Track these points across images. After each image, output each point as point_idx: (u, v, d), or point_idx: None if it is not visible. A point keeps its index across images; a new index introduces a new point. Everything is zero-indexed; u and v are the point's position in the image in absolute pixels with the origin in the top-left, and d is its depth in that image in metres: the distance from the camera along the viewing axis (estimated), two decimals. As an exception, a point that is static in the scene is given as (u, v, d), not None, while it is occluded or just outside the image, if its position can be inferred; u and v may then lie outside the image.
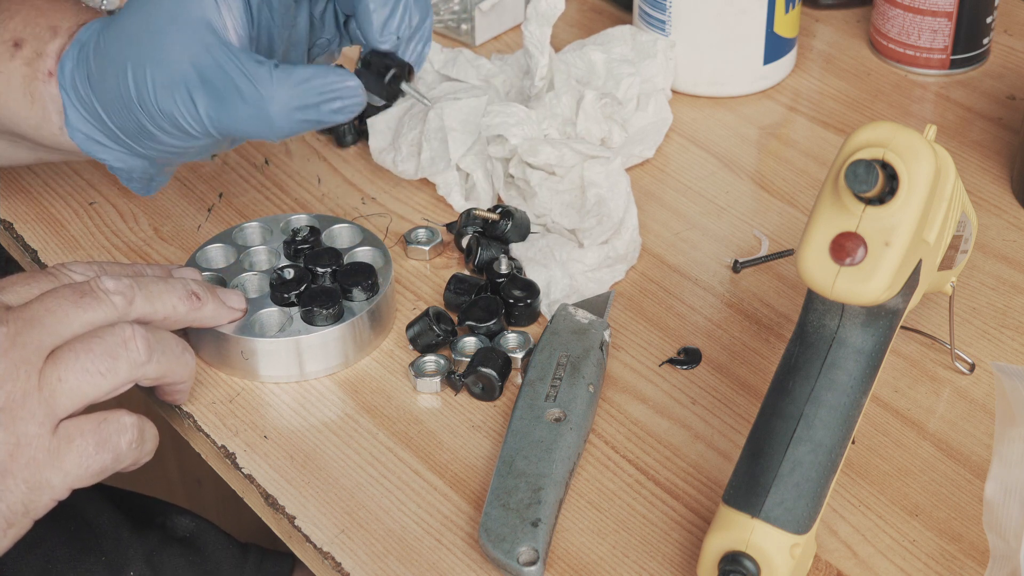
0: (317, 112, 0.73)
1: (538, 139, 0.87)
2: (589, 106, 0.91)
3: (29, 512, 0.65)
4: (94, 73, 0.76)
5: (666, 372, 0.80)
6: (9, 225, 0.90)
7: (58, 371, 0.65)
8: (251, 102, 0.72)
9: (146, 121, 0.75)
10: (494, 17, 1.07)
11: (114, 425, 0.67)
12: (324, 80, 0.73)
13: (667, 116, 0.97)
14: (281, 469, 0.74)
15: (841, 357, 0.64)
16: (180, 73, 0.73)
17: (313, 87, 0.73)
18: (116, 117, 0.76)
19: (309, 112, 0.73)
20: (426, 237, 0.87)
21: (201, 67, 0.72)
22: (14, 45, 0.78)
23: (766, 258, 0.87)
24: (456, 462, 0.74)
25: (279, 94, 0.72)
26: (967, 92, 1.02)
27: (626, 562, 0.69)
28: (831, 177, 0.61)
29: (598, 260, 0.84)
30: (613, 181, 0.85)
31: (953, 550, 0.69)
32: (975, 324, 0.82)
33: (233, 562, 0.94)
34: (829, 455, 0.63)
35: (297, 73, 0.72)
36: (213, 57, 0.72)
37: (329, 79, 0.73)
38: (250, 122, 0.73)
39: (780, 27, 0.99)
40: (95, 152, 0.78)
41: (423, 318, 0.80)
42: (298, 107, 0.73)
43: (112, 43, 0.75)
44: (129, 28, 0.75)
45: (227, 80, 0.72)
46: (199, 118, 0.73)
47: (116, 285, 0.70)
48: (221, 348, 0.78)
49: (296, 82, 0.72)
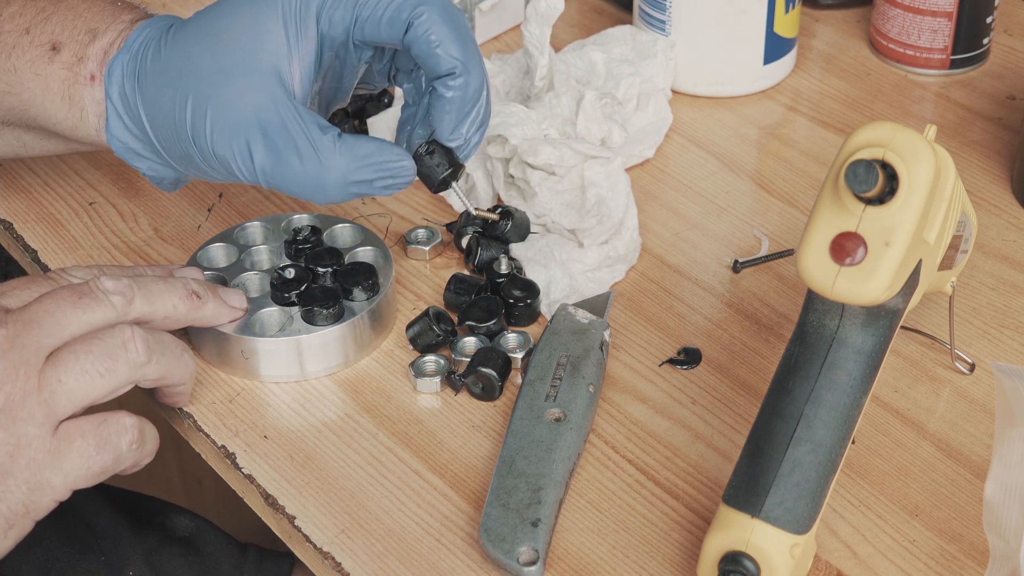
0: (370, 187, 0.75)
1: (538, 139, 0.87)
2: (589, 106, 0.91)
3: (30, 513, 0.65)
4: (147, 89, 0.75)
5: (666, 372, 0.80)
6: (9, 225, 0.90)
7: (57, 372, 0.65)
8: (309, 167, 0.73)
9: (195, 156, 0.75)
10: (494, 17, 1.07)
11: (114, 426, 0.67)
12: (382, 158, 0.74)
13: (667, 116, 0.97)
14: (281, 469, 0.74)
15: (841, 357, 0.64)
16: (243, 122, 0.73)
17: (371, 164, 0.74)
18: (164, 141, 0.76)
19: (362, 187, 0.74)
20: (426, 237, 0.87)
21: (265, 121, 0.73)
22: (52, 48, 0.78)
23: (766, 258, 0.87)
24: (456, 462, 0.74)
25: (339, 165, 0.73)
26: (967, 92, 1.02)
27: (626, 562, 0.69)
28: (831, 177, 0.61)
29: (598, 260, 0.84)
30: (613, 181, 0.85)
31: (953, 550, 0.69)
32: (975, 324, 0.82)
33: (232, 562, 0.94)
34: (829, 455, 0.63)
35: (359, 148, 0.74)
36: (280, 114, 0.73)
37: (387, 157, 0.74)
38: (302, 185, 0.74)
39: (780, 27, 0.99)
40: (130, 160, 0.78)
41: (423, 318, 0.80)
42: (353, 181, 0.74)
43: (173, 66, 0.75)
44: (195, 57, 0.74)
45: (289, 141, 0.73)
46: (252, 169, 0.74)
47: (115, 285, 0.70)
48: (221, 347, 0.78)
49: (356, 156, 0.74)
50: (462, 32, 0.75)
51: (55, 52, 0.77)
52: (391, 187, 0.75)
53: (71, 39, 0.78)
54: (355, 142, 0.74)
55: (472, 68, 0.75)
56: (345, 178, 0.74)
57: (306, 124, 0.73)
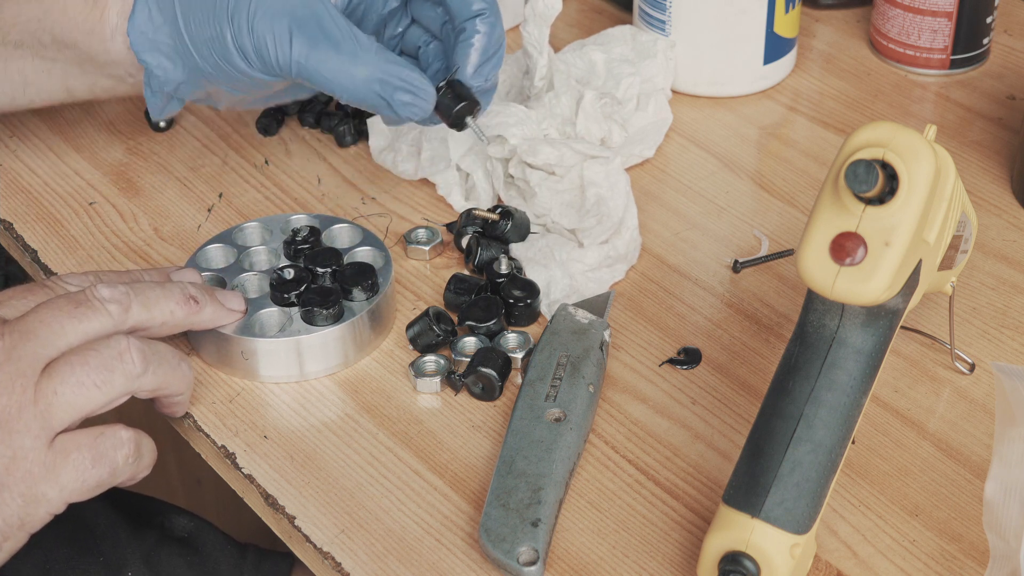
0: (392, 94, 0.78)
1: (538, 139, 0.87)
2: (589, 106, 0.91)
3: (25, 525, 0.65)
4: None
5: (666, 372, 0.80)
6: (9, 225, 0.90)
7: (53, 384, 0.65)
8: (345, 55, 0.76)
9: (229, 37, 0.77)
10: (494, 17, 1.07)
11: (111, 440, 0.67)
12: (410, 73, 0.78)
13: (667, 116, 0.97)
14: (281, 469, 0.74)
15: (841, 357, 0.64)
16: (287, 8, 0.76)
17: (399, 72, 0.77)
18: (196, 23, 0.78)
19: (386, 89, 0.77)
20: (426, 237, 0.87)
21: (308, 12, 0.76)
22: None
23: (766, 258, 0.87)
24: (456, 462, 0.74)
25: (370, 60, 0.77)
26: (967, 92, 1.02)
27: (626, 562, 0.69)
28: (831, 177, 0.61)
29: (598, 260, 0.84)
30: (613, 181, 0.85)
31: (953, 550, 0.69)
32: (975, 324, 0.82)
33: (231, 562, 0.94)
34: (829, 455, 0.63)
35: (390, 54, 0.78)
36: (320, 9, 0.77)
37: (414, 75, 0.78)
38: (334, 73, 0.77)
39: (780, 27, 0.99)
40: (145, 53, 0.80)
41: (423, 318, 0.80)
42: (379, 79, 0.77)
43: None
44: None
45: (329, 32, 0.76)
46: (288, 54, 0.77)
47: (111, 293, 0.69)
48: (221, 348, 0.78)
49: (388, 59, 0.77)
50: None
51: None
52: (408, 106, 0.78)
53: None
54: (385, 49, 0.78)
55: (498, 13, 0.81)
56: (373, 73, 0.77)
57: (341, 20, 0.77)
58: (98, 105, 1.00)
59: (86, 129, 0.99)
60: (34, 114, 0.99)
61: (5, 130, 0.98)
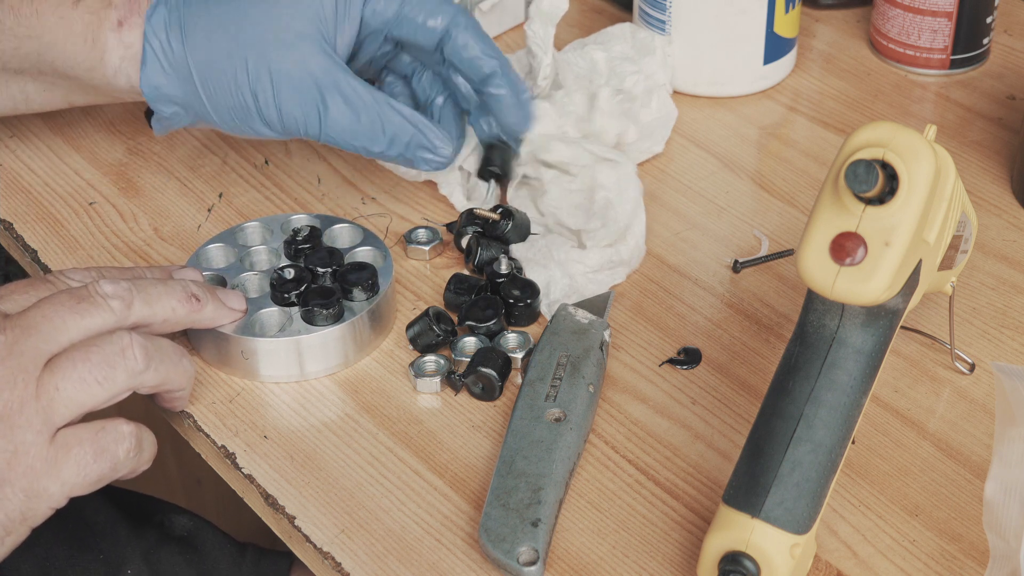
0: (415, 152, 0.83)
1: (554, 136, 0.87)
2: (605, 103, 0.91)
3: (27, 520, 0.65)
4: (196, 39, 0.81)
5: (666, 372, 0.80)
6: (9, 225, 0.90)
7: (55, 380, 0.65)
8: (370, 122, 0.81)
9: (254, 108, 0.81)
10: (494, 17, 1.07)
11: (112, 434, 0.67)
12: (432, 132, 0.83)
13: (672, 111, 0.97)
14: (281, 469, 0.74)
15: (841, 357, 0.64)
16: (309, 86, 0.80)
17: (422, 133, 0.82)
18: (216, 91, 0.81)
19: (410, 149, 0.82)
20: (426, 237, 0.87)
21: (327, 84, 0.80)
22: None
23: (766, 258, 0.87)
24: (456, 462, 0.74)
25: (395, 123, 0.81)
26: (967, 92, 1.02)
27: (626, 562, 0.69)
28: (831, 177, 0.61)
29: (600, 262, 0.84)
30: (623, 186, 0.85)
31: (953, 550, 0.69)
32: (975, 324, 0.82)
33: (230, 561, 0.94)
34: (829, 455, 0.63)
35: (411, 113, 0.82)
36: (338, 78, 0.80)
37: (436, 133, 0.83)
38: (360, 139, 0.81)
39: (780, 27, 0.99)
40: (157, 103, 0.83)
41: (423, 318, 0.80)
42: (405, 142, 0.82)
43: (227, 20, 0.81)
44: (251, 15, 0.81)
45: (353, 97, 0.80)
46: (317, 125, 0.81)
47: (114, 289, 0.69)
48: (221, 348, 0.78)
49: (410, 120, 0.82)
50: (491, 42, 0.84)
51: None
52: (431, 162, 0.83)
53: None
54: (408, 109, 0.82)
55: (509, 66, 0.85)
56: (399, 137, 0.81)
57: (360, 87, 0.81)
58: (98, 105, 1.00)
59: (86, 129, 0.99)
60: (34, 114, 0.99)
61: (5, 130, 0.98)
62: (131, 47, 0.82)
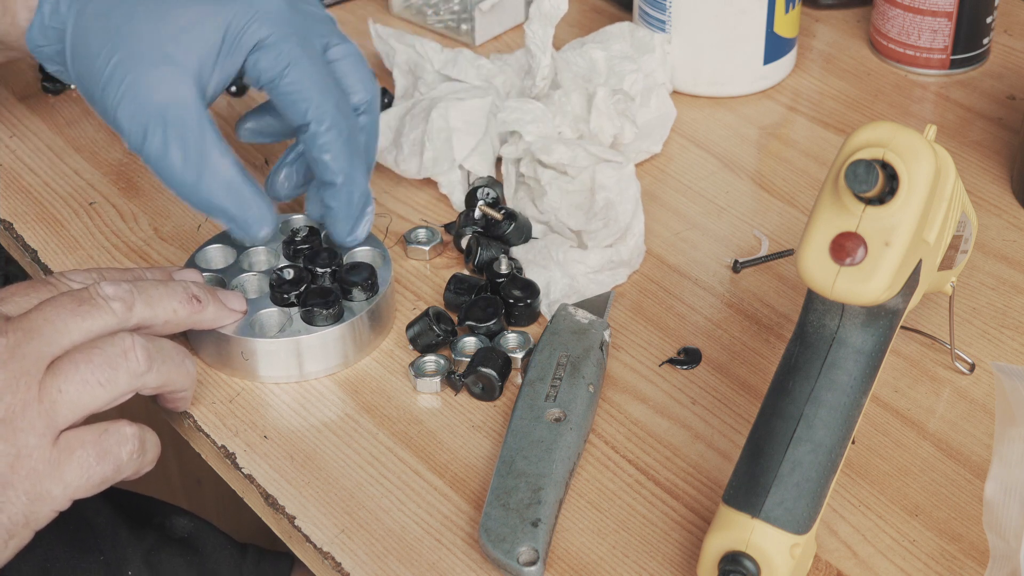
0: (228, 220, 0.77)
1: (552, 137, 0.87)
2: (602, 103, 0.91)
3: (30, 523, 0.65)
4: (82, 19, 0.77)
5: (666, 372, 0.80)
6: (9, 225, 0.90)
7: (58, 382, 0.65)
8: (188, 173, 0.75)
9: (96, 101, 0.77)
10: (494, 17, 1.07)
11: (115, 436, 0.67)
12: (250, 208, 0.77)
13: (671, 110, 0.97)
14: (281, 469, 0.74)
15: (841, 357, 0.64)
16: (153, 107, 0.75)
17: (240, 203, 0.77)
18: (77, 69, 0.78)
19: (221, 216, 0.77)
20: (426, 237, 0.87)
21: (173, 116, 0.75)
22: None
23: (766, 258, 0.87)
24: (456, 462, 0.74)
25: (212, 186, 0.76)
26: (967, 92, 1.02)
27: (626, 562, 0.69)
28: (831, 177, 0.61)
29: (600, 263, 0.84)
30: (623, 187, 0.85)
31: (953, 550, 0.69)
32: (975, 324, 0.82)
33: (231, 562, 0.94)
34: (829, 455, 0.63)
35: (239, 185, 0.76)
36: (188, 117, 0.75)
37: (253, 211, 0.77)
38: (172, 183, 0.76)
39: (780, 27, 0.99)
40: (44, 61, 0.80)
41: (423, 318, 0.80)
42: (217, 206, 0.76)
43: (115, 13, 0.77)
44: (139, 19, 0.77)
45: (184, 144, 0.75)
46: (140, 147, 0.76)
47: (115, 291, 0.69)
48: (221, 349, 0.78)
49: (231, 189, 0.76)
50: (352, 147, 0.79)
51: None
52: (243, 236, 0.78)
53: None
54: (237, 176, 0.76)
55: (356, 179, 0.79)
56: (211, 200, 0.76)
57: (206, 137, 0.75)
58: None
59: (86, 129, 0.99)
60: (34, 114, 0.99)
61: (5, 130, 0.98)
62: (34, 8, 0.79)
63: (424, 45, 0.97)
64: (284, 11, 0.78)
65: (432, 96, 0.93)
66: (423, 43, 0.97)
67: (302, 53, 0.77)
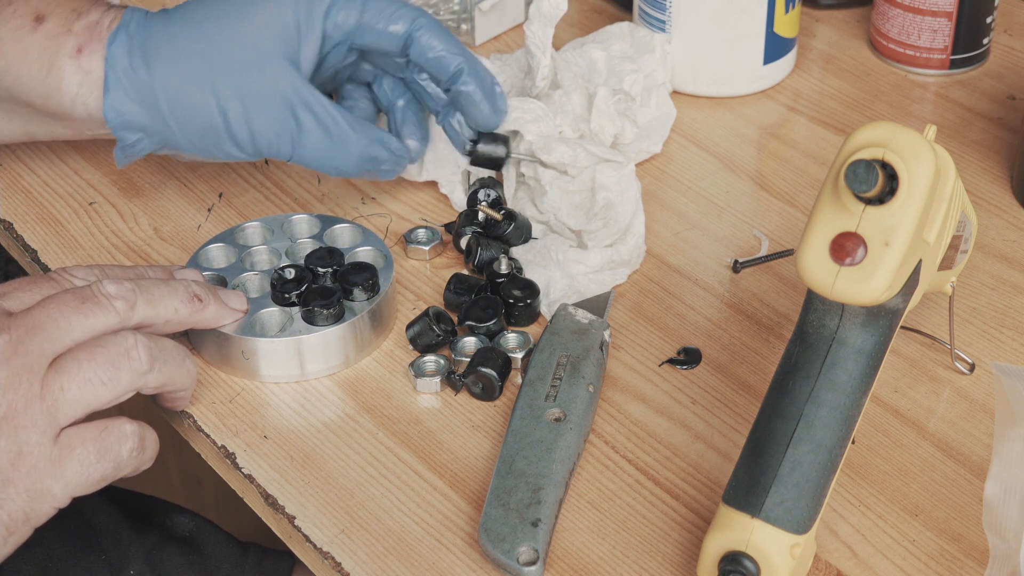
0: (377, 166, 0.84)
1: (553, 137, 0.87)
2: (602, 103, 0.91)
3: (29, 520, 0.65)
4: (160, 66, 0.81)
5: (666, 372, 0.80)
6: (9, 225, 0.90)
7: (60, 380, 0.65)
8: (336, 143, 0.82)
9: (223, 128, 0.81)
10: (494, 17, 1.07)
11: (115, 433, 0.67)
12: (390, 145, 0.84)
13: (670, 110, 0.97)
14: (281, 469, 0.74)
15: (841, 357, 0.64)
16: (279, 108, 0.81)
17: (382, 148, 0.84)
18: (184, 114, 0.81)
19: (372, 163, 0.84)
20: (426, 237, 0.87)
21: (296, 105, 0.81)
22: (35, 19, 0.81)
23: (766, 258, 0.87)
24: (456, 462, 0.74)
25: (359, 142, 0.83)
26: (967, 92, 1.02)
27: (626, 562, 0.69)
28: (831, 177, 0.61)
29: (601, 263, 0.84)
30: (624, 186, 0.85)
31: (953, 550, 0.69)
32: (975, 324, 0.82)
33: (233, 561, 0.94)
34: (829, 455, 0.63)
35: (373, 129, 0.84)
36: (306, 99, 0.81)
37: (395, 145, 0.85)
38: (327, 158, 0.82)
39: (780, 27, 0.99)
40: (120, 130, 0.82)
41: (423, 318, 0.80)
42: (369, 157, 0.83)
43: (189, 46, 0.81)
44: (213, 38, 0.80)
45: (323, 117, 0.81)
46: (288, 145, 0.81)
47: (118, 289, 0.69)
48: (222, 348, 0.78)
49: (372, 137, 0.83)
50: (455, 40, 0.85)
51: (38, 23, 0.81)
52: (390, 172, 0.85)
53: (56, 13, 0.82)
54: (369, 125, 0.84)
55: (476, 62, 0.85)
56: (364, 154, 0.83)
57: (329, 106, 0.82)
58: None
59: (86, 129, 0.99)
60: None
61: (5, 130, 0.98)
62: (90, 73, 0.81)
63: (424, 45, 0.97)
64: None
65: None
66: (423, 43, 0.97)
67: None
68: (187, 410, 0.77)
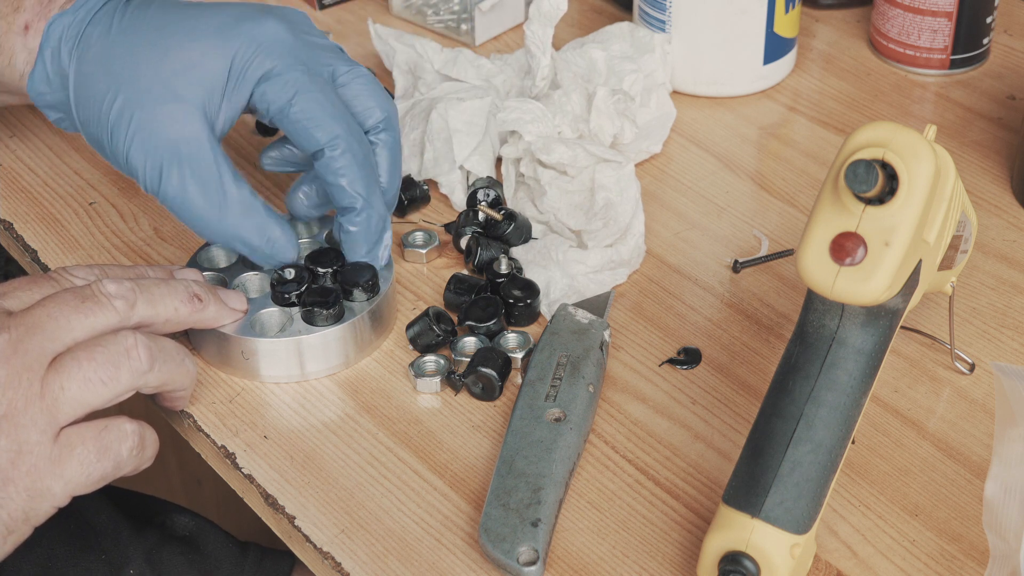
0: (250, 251, 0.79)
1: (552, 137, 0.87)
2: (601, 103, 0.91)
3: (29, 519, 0.65)
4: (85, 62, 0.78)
5: (666, 372, 0.80)
6: (9, 225, 0.90)
7: (60, 379, 0.65)
8: (210, 209, 0.77)
9: (106, 146, 0.78)
10: (494, 17, 1.07)
11: (115, 432, 0.67)
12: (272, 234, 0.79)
13: (670, 110, 0.97)
14: (281, 469, 0.74)
15: (841, 357, 0.64)
16: (165, 145, 0.76)
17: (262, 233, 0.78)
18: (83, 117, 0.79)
19: (243, 247, 0.79)
20: (423, 240, 0.87)
21: (186, 153, 0.76)
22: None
23: (766, 258, 0.87)
24: (456, 462, 0.74)
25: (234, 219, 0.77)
26: (967, 92, 1.02)
27: (626, 562, 0.69)
28: (831, 177, 0.61)
29: (601, 263, 0.84)
30: (623, 186, 0.85)
31: (953, 550, 0.69)
32: (975, 324, 0.82)
33: (232, 560, 0.94)
34: (829, 455, 0.63)
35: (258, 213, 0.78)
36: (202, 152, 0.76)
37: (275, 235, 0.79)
38: (195, 221, 0.77)
39: (780, 27, 0.99)
40: (44, 108, 0.81)
41: (423, 318, 0.80)
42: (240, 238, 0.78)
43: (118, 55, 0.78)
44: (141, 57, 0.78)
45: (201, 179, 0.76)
46: (156, 188, 0.77)
47: (118, 289, 0.69)
48: (222, 348, 0.78)
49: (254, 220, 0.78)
50: (368, 170, 0.79)
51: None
52: (268, 263, 0.80)
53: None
54: (256, 206, 0.78)
55: (374, 203, 0.79)
56: (234, 232, 0.78)
57: (222, 171, 0.77)
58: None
59: (86, 129, 0.99)
60: (34, 114, 0.99)
61: (5, 130, 0.98)
62: (33, 52, 0.80)
63: (424, 45, 0.97)
64: (288, 42, 0.78)
65: (432, 96, 0.93)
66: (423, 43, 0.97)
67: (309, 81, 0.78)
68: (187, 410, 0.77)
